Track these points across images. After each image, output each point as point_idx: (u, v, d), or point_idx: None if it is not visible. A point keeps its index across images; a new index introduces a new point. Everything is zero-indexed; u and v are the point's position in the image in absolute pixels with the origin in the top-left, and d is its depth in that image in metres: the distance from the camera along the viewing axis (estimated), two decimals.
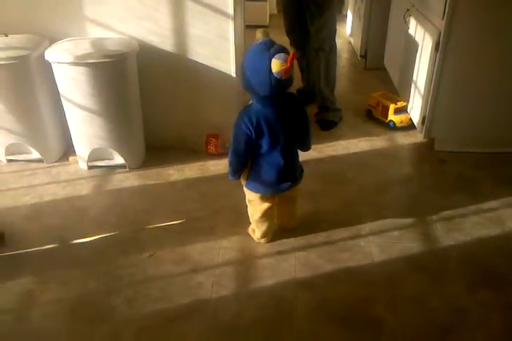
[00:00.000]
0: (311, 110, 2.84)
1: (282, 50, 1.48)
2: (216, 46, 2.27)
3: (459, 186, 2.25)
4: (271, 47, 1.48)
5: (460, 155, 2.47)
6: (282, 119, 1.64)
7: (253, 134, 1.59)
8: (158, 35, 2.26)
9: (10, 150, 2.39)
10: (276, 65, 1.43)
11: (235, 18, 2.19)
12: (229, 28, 2.21)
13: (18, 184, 2.28)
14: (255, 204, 1.80)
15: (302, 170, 1.83)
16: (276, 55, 1.44)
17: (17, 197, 2.17)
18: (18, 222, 2.00)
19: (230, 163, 1.72)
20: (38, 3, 2.23)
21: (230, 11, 2.17)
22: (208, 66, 2.32)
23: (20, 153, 2.42)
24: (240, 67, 1.57)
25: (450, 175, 2.35)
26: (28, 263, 1.79)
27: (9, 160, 2.43)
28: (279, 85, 1.51)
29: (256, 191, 1.75)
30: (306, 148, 1.82)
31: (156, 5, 2.19)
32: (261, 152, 1.66)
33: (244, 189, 1.80)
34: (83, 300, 1.63)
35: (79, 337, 1.51)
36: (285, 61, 1.44)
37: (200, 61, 2.32)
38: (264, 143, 1.64)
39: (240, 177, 1.76)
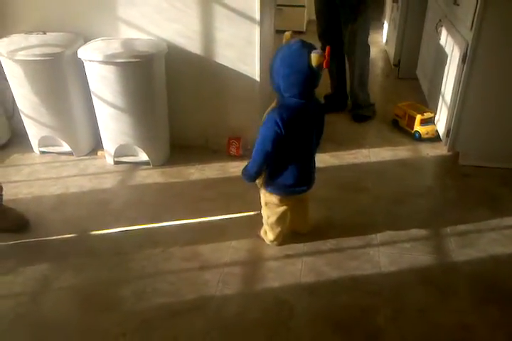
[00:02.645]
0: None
1: (314, 46, 1.59)
2: (242, 50, 2.31)
3: (479, 201, 2.20)
4: (305, 44, 1.57)
5: (485, 170, 2.42)
6: (311, 119, 1.69)
7: (283, 132, 1.62)
8: (187, 37, 2.33)
9: (43, 142, 2.51)
10: (316, 58, 1.50)
11: (261, 24, 2.23)
12: (255, 33, 2.25)
13: (48, 175, 2.38)
14: (272, 207, 1.82)
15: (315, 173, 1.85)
16: (314, 50, 1.52)
17: (45, 187, 2.27)
18: (43, 211, 2.10)
19: (253, 164, 1.72)
20: (75, 3, 2.33)
21: (257, 16, 2.21)
22: (233, 69, 2.37)
23: (52, 146, 2.53)
24: (272, 66, 1.61)
25: (472, 190, 2.30)
26: (47, 251, 1.88)
27: (42, 152, 2.54)
28: (317, 79, 1.60)
29: (277, 193, 1.78)
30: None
31: (186, 8, 2.25)
32: (286, 152, 1.68)
33: (262, 192, 1.83)
34: (94, 289, 1.70)
35: (86, 324, 1.57)
36: (323, 54, 1.52)
37: (225, 64, 2.37)
38: (292, 142, 1.66)
39: (255, 180, 1.79)
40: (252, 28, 2.24)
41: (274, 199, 1.79)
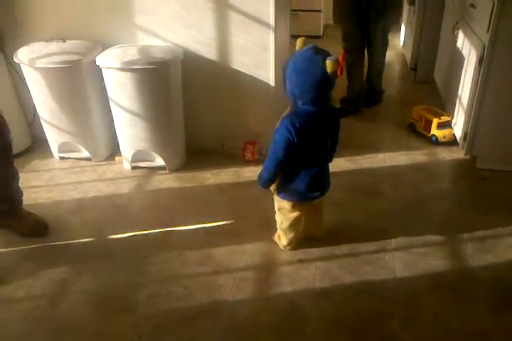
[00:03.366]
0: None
1: (329, 53, 1.58)
2: (257, 56, 2.33)
3: (497, 206, 2.17)
4: (318, 51, 1.57)
5: (503, 174, 2.38)
6: (325, 125, 1.69)
7: (295, 139, 1.62)
8: (203, 43, 2.35)
9: (62, 148, 2.56)
10: (330, 65, 1.50)
11: (276, 29, 2.25)
12: (270, 39, 2.27)
13: (67, 180, 2.43)
14: (285, 213, 1.83)
15: (329, 179, 1.85)
16: (329, 57, 1.52)
17: (65, 192, 2.32)
18: (62, 215, 2.14)
19: (266, 171, 1.73)
20: (93, 12, 2.39)
21: (271, 21, 2.22)
22: (248, 75, 2.39)
23: (71, 151, 2.58)
24: (286, 72, 1.62)
25: (490, 194, 2.27)
26: (66, 254, 1.92)
27: (61, 158, 2.60)
28: (331, 86, 1.60)
29: (289, 199, 1.78)
30: (330, 159, 1.84)
31: (202, 15, 2.28)
32: (299, 159, 1.69)
33: (275, 197, 1.83)
34: (110, 292, 1.73)
35: (102, 327, 1.60)
36: (338, 61, 1.51)
37: (240, 70, 2.39)
38: (305, 149, 1.66)
39: (270, 186, 1.79)
40: (267, 33, 2.26)
41: (286, 205, 1.80)
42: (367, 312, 1.63)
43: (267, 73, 2.36)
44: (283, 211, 1.83)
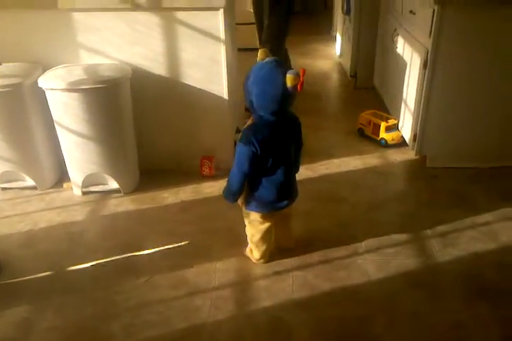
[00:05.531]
0: None
1: (289, 67, 1.55)
2: (208, 70, 2.30)
3: (452, 201, 2.26)
4: (279, 65, 1.57)
5: (452, 171, 2.49)
6: (287, 135, 1.69)
7: (258, 151, 1.61)
8: (151, 59, 2.30)
9: (3, 178, 2.39)
10: (291, 79, 1.50)
11: (226, 42, 2.24)
12: (221, 51, 2.26)
13: (13, 211, 2.27)
14: (255, 225, 1.80)
15: (297, 187, 1.84)
16: (290, 71, 1.52)
17: (11, 225, 2.16)
18: (13, 250, 1.99)
19: (232, 184, 1.71)
20: (31, 31, 2.27)
21: (221, 35, 2.21)
22: (200, 89, 2.36)
23: (14, 181, 2.42)
24: (246, 85, 1.60)
25: (443, 191, 2.36)
26: (24, 291, 1.77)
27: (3, 188, 2.42)
28: (291, 99, 1.59)
29: (258, 211, 1.76)
30: (296, 168, 1.85)
31: (149, 30, 2.23)
32: (263, 169, 1.68)
33: (244, 210, 1.80)
34: (80, 327, 1.61)
35: None
36: (298, 76, 1.51)
37: (192, 84, 2.35)
38: (269, 160, 1.66)
39: (237, 199, 1.76)
40: (218, 46, 2.24)
41: (256, 216, 1.78)
42: (348, 318, 1.63)
43: (220, 86, 2.34)
44: (253, 223, 1.80)
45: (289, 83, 1.51)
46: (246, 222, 1.83)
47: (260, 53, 1.63)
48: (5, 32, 2.28)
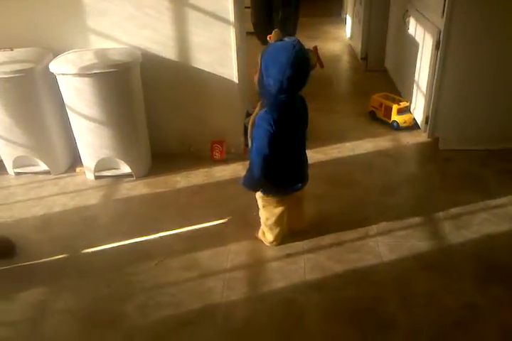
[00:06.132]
0: None
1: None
2: (218, 53, 2.29)
3: (465, 184, 2.25)
4: (302, 44, 1.55)
5: (465, 153, 2.47)
6: (299, 114, 1.69)
7: (275, 130, 1.59)
8: (161, 43, 2.29)
9: (17, 162, 2.41)
10: (313, 57, 1.49)
11: (235, 25, 2.22)
12: (230, 35, 2.24)
13: (27, 196, 2.30)
14: (270, 209, 1.80)
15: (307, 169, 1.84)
16: (308, 50, 1.54)
17: (26, 209, 2.19)
18: (28, 234, 2.02)
19: (255, 170, 1.67)
20: (41, 17, 2.27)
21: (231, 17, 2.19)
22: (210, 73, 2.35)
23: (27, 166, 2.44)
24: (269, 68, 1.54)
25: (456, 173, 2.34)
26: (39, 274, 1.81)
27: (17, 173, 2.45)
28: (307, 78, 1.58)
29: (274, 194, 1.76)
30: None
31: (157, 14, 2.22)
32: (279, 151, 1.65)
33: (259, 195, 1.80)
34: (95, 307, 1.64)
35: None
36: (314, 54, 1.52)
37: (202, 68, 2.34)
38: (284, 140, 1.64)
39: (260, 187, 1.73)
40: (227, 30, 2.23)
41: (272, 201, 1.78)
42: (361, 299, 1.64)
43: (230, 70, 2.33)
44: (268, 207, 1.81)
45: (312, 61, 1.53)
46: (260, 206, 1.83)
47: (273, 35, 1.59)
48: (16, 17, 2.28)
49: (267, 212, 1.82)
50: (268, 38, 1.59)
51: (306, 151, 1.82)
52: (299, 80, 1.56)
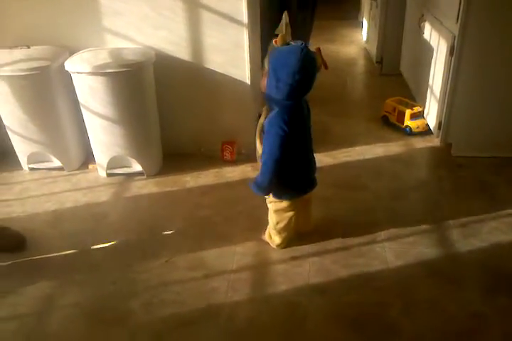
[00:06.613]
0: None
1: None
2: (231, 54, 2.30)
3: (476, 191, 2.23)
4: (305, 48, 1.55)
5: (478, 160, 2.44)
6: (306, 116, 1.69)
7: (288, 131, 1.59)
8: (175, 44, 2.31)
9: (32, 158, 2.45)
10: (318, 60, 1.53)
11: (249, 27, 2.23)
12: (244, 37, 2.25)
13: (40, 191, 2.33)
14: (281, 214, 1.80)
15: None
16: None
17: (39, 204, 2.22)
18: (39, 228, 2.05)
19: (267, 175, 1.66)
20: (58, 16, 2.30)
21: (245, 19, 2.20)
22: (223, 74, 2.36)
23: (41, 162, 2.48)
24: (276, 72, 1.54)
25: (467, 180, 2.32)
26: (48, 268, 1.83)
27: (31, 169, 2.49)
28: (314, 81, 1.59)
29: (286, 198, 1.76)
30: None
31: (172, 15, 2.24)
32: (290, 153, 1.65)
33: (270, 200, 1.79)
34: (101, 304, 1.66)
35: (97, 340, 1.54)
36: (319, 56, 1.55)
37: (215, 69, 2.36)
38: (295, 142, 1.65)
39: (271, 191, 1.73)
40: (241, 31, 2.24)
41: (283, 205, 1.77)
42: (365, 303, 1.63)
43: (243, 72, 2.34)
44: (278, 212, 1.80)
45: (317, 64, 1.53)
46: (271, 211, 1.83)
47: (279, 39, 1.58)
48: (33, 16, 2.32)
49: (277, 216, 1.81)
50: (274, 42, 1.59)
51: (316, 155, 1.82)
52: (308, 83, 1.57)
